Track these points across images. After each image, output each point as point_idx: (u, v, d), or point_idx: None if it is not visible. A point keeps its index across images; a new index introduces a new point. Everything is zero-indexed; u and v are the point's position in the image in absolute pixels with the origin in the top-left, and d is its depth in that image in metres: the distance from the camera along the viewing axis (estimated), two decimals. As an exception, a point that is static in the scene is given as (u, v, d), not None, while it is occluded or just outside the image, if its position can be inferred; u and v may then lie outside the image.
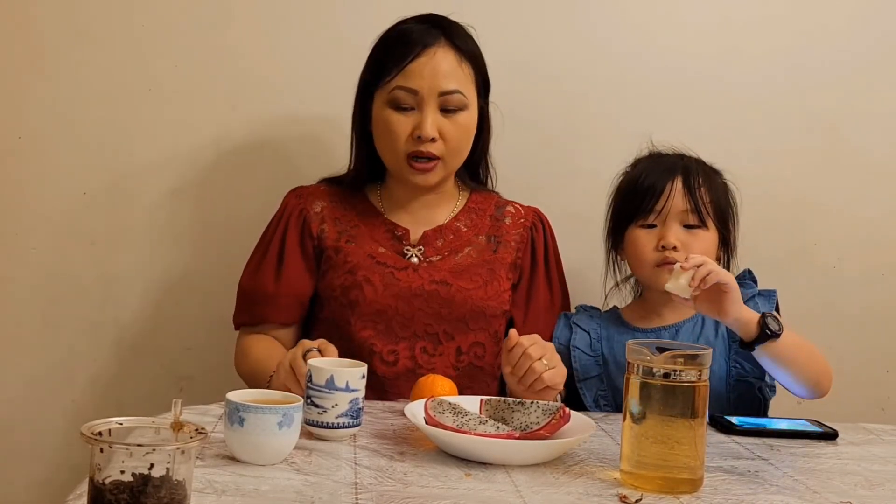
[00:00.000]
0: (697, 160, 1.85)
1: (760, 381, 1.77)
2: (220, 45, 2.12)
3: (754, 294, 1.80)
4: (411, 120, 1.74)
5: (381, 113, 1.76)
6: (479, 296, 1.78)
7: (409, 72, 1.73)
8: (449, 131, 1.75)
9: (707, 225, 1.78)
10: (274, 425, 1.25)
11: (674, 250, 1.75)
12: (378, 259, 1.78)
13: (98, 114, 2.11)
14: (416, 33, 1.76)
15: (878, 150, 2.26)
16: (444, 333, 1.77)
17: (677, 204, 1.77)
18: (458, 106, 1.76)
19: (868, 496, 1.30)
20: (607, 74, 2.20)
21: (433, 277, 1.78)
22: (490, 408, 1.47)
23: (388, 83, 1.75)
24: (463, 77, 1.76)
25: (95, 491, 0.96)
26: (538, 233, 1.90)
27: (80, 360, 2.13)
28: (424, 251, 1.81)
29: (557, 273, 1.91)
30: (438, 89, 1.73)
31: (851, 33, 2.24)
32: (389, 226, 1.84)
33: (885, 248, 2.26)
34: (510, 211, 1.91)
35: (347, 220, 1.83)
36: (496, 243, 1.86)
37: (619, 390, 1.81)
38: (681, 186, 1.77)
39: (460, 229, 1.86)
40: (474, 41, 1.80)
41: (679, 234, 1.76)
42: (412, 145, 1.75)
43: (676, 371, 1.24)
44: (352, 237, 1.81)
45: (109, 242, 2.13)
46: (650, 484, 1.25)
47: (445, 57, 1.75)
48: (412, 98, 1.74)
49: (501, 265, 1.84)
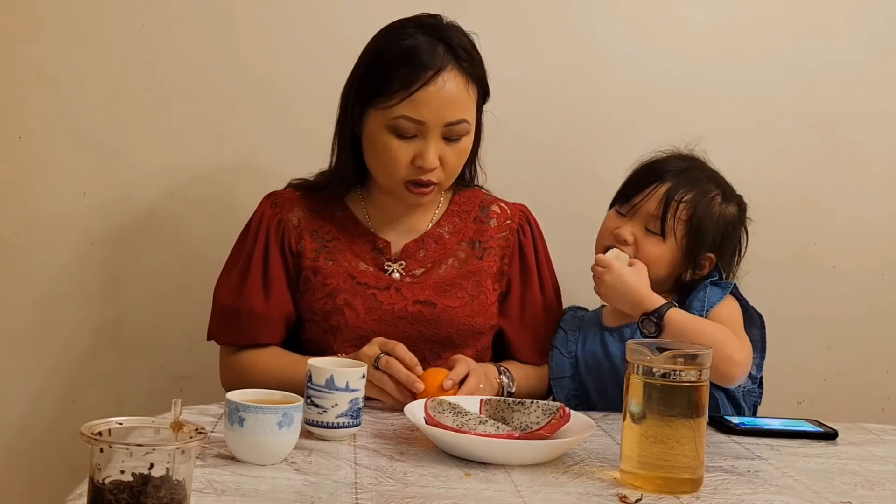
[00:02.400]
0: (706, 177, 1.82)
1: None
2: (220, 44, 2.12)
3: (707, 284, 1.79)
4: (412, 148, 1.67)
5: (380, 136, 1.68)
6: (466, 313, 1.73)
7: (417, 101, 1.64)
8: (449, 158, 1.69)
9: (664, 236, 1.78)
10: (274, 425, 1.25)
11: (623, 243, 1.79)
12: (359, 279, 1.72)
13: (98, 114, 2.11)
14: (423, 53, 1.65)
15: (877, 150, 2.26)
16: (431, 354, 1.73)
17: (648, 206, 1.78)
18: (461, 134, 1.69)
19: (868, 496, 1.30)
20: (608, 75, 2.19)
21: (417, 297, 1.72)
22: (490, 408, 1.47)
23: (390, 107, 1.65)
24: (468, 102, 1.69)
25: (95, 491, 0.96)
26: (526, 236, 1.84)
27: (80, 360, 2.13)
28: (406, 265, 1.76)
29: (549, 274, 1.87)
30: (445, 121, 1.66)
31: (851, 33, 2.24)
32: (370, 237, 1.77)
33: (885, 249, 2.26)
34: (495, 212, 1.84)
35: (325, 232, 1.77)
36: (481, 250, 1.80)
37: (588, 391, 1.81)
38: (662, 193, 1.78)
39: (443, 236, 1.80)
40: (477, 50, 1.72)
41: (637, 232, 1.80)
42: (411, 172, 1.68)
43: (676, 371, 1.24)
44: (330, 253, 1.75)
45: (109, 242, 2.13)
46: (650, 484, 1.25)
47: (454, 84, 1.66)
48: (416, 128, 1.66)
49: (487, 275, 1.78)
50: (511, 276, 1.82)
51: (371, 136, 1.70)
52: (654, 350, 1.26)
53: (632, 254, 1.79)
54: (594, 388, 1.80)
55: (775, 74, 2.22)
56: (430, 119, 1.65)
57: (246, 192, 2.11)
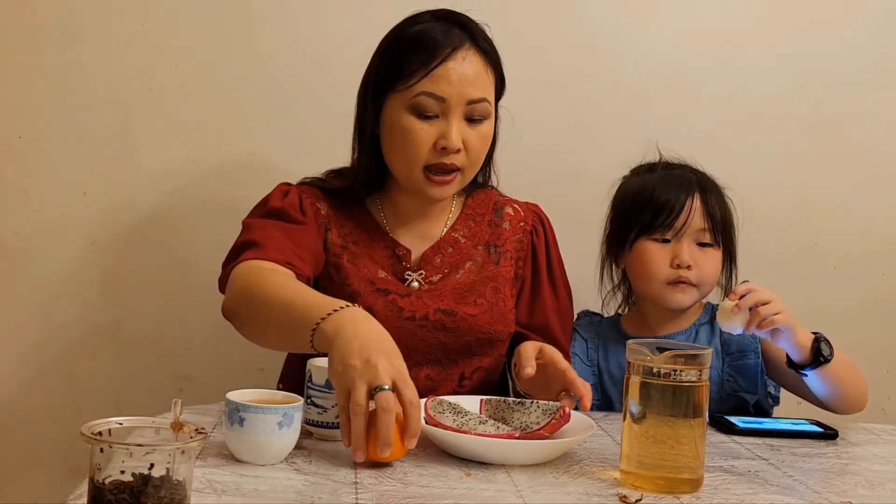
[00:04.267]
0: (707, 175, 1.83)
1: (754, 395, 1.77)
2: (221, 45, 2.12)
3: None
4: (434, 129, 1.61)
5: (400, 118, 1.62)
6: (486, 321, 1.69)
7: (437, 76, 1.60)
8: (472, 141, 1.64)
9: (718, 243, 1.78)
10: (274, 425, 1.25)
11: (687, 269, 1.74)
12: (379, 285, 1.67)
13: (98, 114, 2.11)
14: (439, 33, 1.62)
15: (878, 150, 2.26)
16: (447, 360, 1.70)
17: (695, 222, 1.75)
18: (483, 115, 1.64)
19: (868, 496, 1.30)
20: (610, 74, 2.19)
21: (437, 305, 1.67)
22: (490, 408, 1.47)
23: (410, 87, 1.61)
24: (488, 83, 1.65)
25: (95, 491, 0.96)
26: (539, 238, 1.81)
27: (80, 360, 2.13)
28: (425, 274, 1.72)
29: (561, 274, 1.83)
30: (467, 97, 1.61)
31: (851, 33, 2.24)
32: (390, 244, 1.72)
33: (885, 249, 2.27)
34: (509, 213, 1.81)
35: (347, 233, 1.72)
36: (497, 255, 1.76)
37: (611, 401, 1.81)
38: (699, 204, 1.76)
39: (459, 241, 1.75)
40: (492, 42, 1.70)
41: (693, 251, 1.76)
42: (434, 156, 1.62)
43: (676, 371, 1.24)
44: (353, 255, 1.69)
45: (109, 242, 2.13)
46: (650, 484, 1.25)
47: (473, 61, 1.62)
48: (437, 105, 1.61)
49: (505, 281, 1.74)
50: (524, 277, 1.80)
51: (391, 122, 1.65)
52: (654, 350, 1.26)
53: (695, 277, 1.74)
54: (619, 399, 1.78)
55: (776, 74, 2.22)
56: (452, 95, 1.61)
57: (247, 192, 2.10)
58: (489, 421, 1.40)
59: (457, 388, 1.71)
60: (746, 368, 1.77)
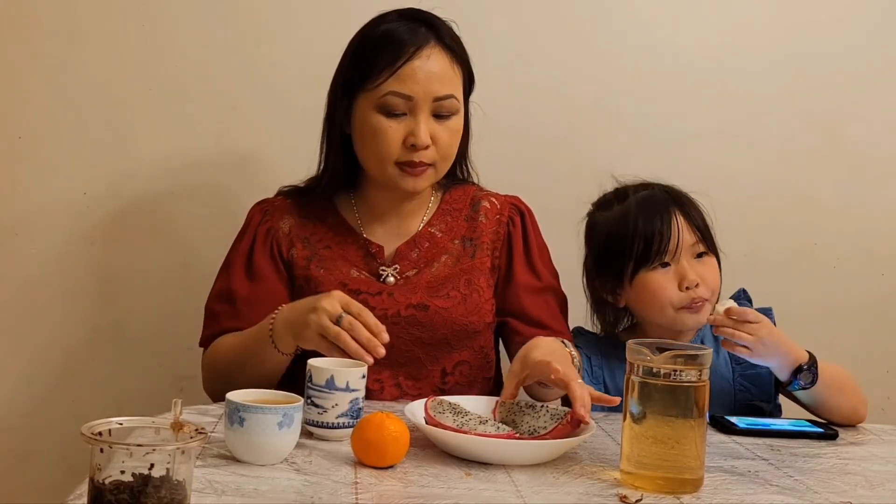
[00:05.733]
0: (672, 187, 1.81)
1: (769, 403, 1.77)
2: (221, 44, 2.12)
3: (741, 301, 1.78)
4: (403, 126, 1.66)
5: (369, 118, 1.67)
6: (460, 313, 1.71)
7: (403, 75, 1.65)
8: (441, 137, 1.67)
9: (710, 249, 1.77)
10: (274, 425, 1.25)
11: (696, 287, 1.72)
12: (351, 286, 1.68)
13: (98, 114, 2.11)
14: (405, 32, 1.67)
15: (878, 150, 2.26)
16: (427, 357, 1.70)
17: (686, 238, 1.74)
18: (451, 111, 1.68)
19: (868, 496, 1.30)
20: (607, 73, 2.20)
21: (409, 301, 1.69)
22: (504, 410, 1.46)
23: (378, 86, 1.65)
24: (455, 80, 1.69)
25: (95, 491, 0.96)
26: (515, 227, 1.81)
27: (80, 360, 2.13)
28: (400, 269, 1.74)
29: (541, 258, 1.81)
30: (433, 94, 1.66)
31: (851, 32, 2.24)
32: (362, 242, 1.75)
33: (885, 248, 2.27)
34: (486, 207, 1.81)
35: (317, 240, 1.75)
36: (473, 247, 1.77)
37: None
38: (683, 220, 1.74)
39: (435, 235, 1.77)
40: (459, 39, 1.73)
41: (695, 267, 1.74)
42: (405, 154, 1.66)
43: (676, 371, 1.24)
44: (321, 261, 1.73)
45: (109, 242, 2.13)
46: (650, 484, 1.25)
47: (439, 59, 1.67)
48: (405, 104, 1.65)
49: (481, 272, 1.76)
50: (500, 266, 1.79)
51: (361, 121, 1.69)
52: (655, 350, 1.26)
53: (705, 292, 1.72)
54: None
55: (775, 73, 2.22)
56: (418, 93, 1.65)
57: (246, 192, 2.11)
58: (489, 421, 1.40)
59: (440, 385, 1.71)
60: (758, 377, 1.76)
